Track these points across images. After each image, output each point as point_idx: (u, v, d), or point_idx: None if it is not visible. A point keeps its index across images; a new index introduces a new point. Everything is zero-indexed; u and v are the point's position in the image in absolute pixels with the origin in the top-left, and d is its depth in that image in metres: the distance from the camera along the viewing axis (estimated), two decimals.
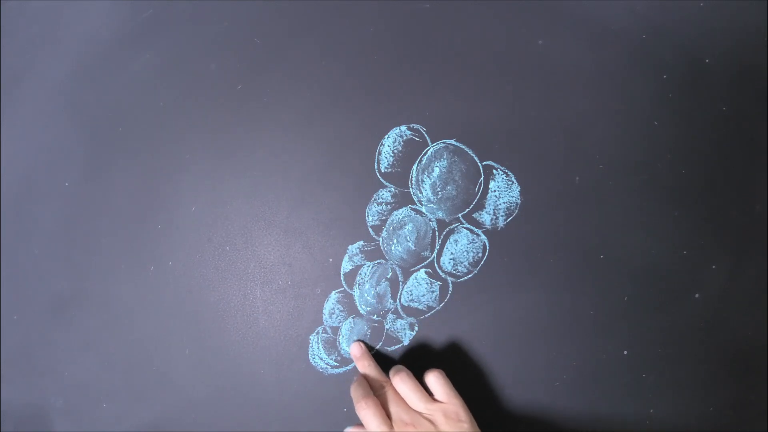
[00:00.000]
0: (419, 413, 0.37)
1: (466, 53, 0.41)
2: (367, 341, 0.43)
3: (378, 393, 0.39)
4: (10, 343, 0.46)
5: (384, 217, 0.42)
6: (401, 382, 0.38)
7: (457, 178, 0.42)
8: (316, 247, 0.43)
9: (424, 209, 0.42)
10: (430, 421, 0.37)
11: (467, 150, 0.42)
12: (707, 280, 0.41)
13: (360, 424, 0.39)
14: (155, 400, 0.45)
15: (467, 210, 0.42)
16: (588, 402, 0.42)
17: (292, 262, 0.43)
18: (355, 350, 0.42)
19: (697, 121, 0.41)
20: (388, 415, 0.37)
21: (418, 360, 0.43)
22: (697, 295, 0.42)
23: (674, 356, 0.42)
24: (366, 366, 0.41)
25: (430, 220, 0.42)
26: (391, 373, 0.39)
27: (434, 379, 0.39)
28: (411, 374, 0.39)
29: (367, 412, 0.37)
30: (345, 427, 0.42)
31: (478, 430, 0.37)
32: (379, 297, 0.43)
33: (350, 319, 0.43)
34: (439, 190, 0.42)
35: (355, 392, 0.39)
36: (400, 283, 0.42)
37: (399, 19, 0.42)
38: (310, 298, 0.43)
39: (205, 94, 0.43)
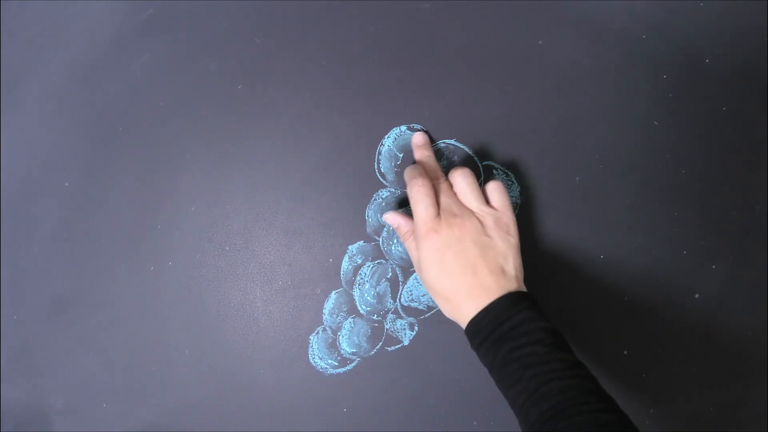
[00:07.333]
0: (471, 211, 0.35)
1: (466, 53, 0.41)
2: (367, 342, 0.43)
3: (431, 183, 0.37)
4: (10, 343, 0.46)
5: None
6: (461, 176, 0.36)
7: None
8: (316, 247, 0.43)
9: None
10: (479, 221, 0.35)
11: (467, 150, 0.42)
12: (707, 280, 0.41)
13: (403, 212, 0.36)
14: (155, 400, 0.45)
15: None
16: None
17: (292, 262, 0.43)
18: (418, 138, 0.40)
19: (697, 121, 0.41)
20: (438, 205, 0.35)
21: (418, 360, 0.43)
22: (697, 295, 0.42)
23: (674, 356, 0.42)
24: (425, 156, 0.39)
25: None
26: (452, 170, 0.37)
27: (495, 187, 0.37)
28: (473, 174, 0.37)
29: (419, 190, 0.35)
30: (345, 427, 0.42)
31: (519, 252, 0.35)
32: (379, 297, 0.43)
33: (350, 319, 0.43)
34: None
35: (411, 172, 0.37)
36: (400, 283, 0.42)
37: (399, 19, 0.42)
38: (310, 298, 0.43)
39: (205, 94, 0.43)
